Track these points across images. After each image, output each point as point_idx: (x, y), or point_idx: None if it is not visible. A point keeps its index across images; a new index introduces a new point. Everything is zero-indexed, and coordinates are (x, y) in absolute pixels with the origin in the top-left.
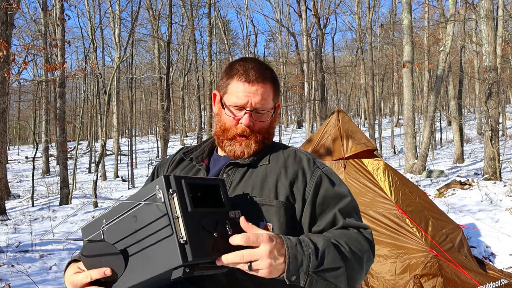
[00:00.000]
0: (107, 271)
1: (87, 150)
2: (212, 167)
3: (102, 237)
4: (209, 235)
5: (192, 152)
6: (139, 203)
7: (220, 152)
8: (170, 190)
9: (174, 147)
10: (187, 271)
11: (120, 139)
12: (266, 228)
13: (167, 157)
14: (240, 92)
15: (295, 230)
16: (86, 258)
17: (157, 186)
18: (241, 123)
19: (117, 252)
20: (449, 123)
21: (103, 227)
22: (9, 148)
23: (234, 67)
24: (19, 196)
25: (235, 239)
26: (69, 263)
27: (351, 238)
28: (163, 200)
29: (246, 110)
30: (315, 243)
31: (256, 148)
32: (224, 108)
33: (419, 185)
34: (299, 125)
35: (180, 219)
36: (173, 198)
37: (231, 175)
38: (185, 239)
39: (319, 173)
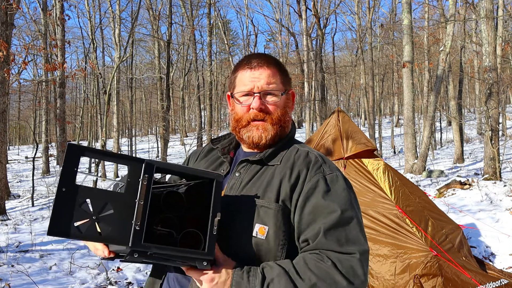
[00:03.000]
0: None
1: None
2: (235, 160)
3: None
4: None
5: (219, 142)
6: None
7: (244, 147)
8: (146, 175)
9: (174, 147)
10: None
11: (120, 139)
12: (261, 231)
13: (203, 146)
14: (246, 79)
15: (290, 236)
16: None
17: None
18: (252, 108)
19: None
20: (449, 123)
21: (119, 189)
22: (9, 148)
23: (238, 63)
24: (19, 196)
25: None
26: None
27: (322, 272)
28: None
29: (254, 94)
30: (264, 275)
31: (274, 131)
32: (235, 100)
33: (419, 185)
34: (299, 125)
35: (141, 205)
36: (140, 183)
37: (243, 173)
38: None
39: (317, 179)
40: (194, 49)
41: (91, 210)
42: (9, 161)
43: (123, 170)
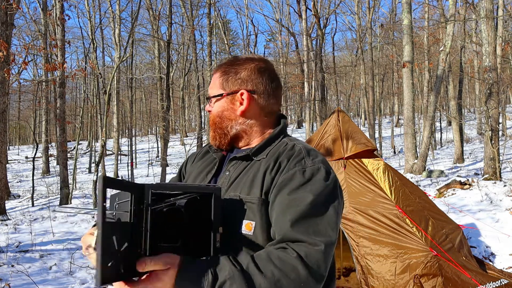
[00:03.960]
0: None
1: (87, 150)
2: (227, 159)
3: (114, 213)
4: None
5: None
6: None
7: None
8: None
9: (174, 147)
10: None
11: (120, 139)
12: (248, 227)
13: (202, 147)
14: None
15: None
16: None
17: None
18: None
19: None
20: (449, 123)
21: (116, 204)
22: (9, 148)
23: None
24: (19, 196)
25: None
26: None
27: (286, 265)
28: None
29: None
30: (216, 273)
31: (213, 133)
32: None
33: (419, 185)
34: (299, 125)
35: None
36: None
37: (232, 171)
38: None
39: (294, 171)
40: (194, 49)
41: (117, 247)
42: (9, 161)
43: (123, 170)
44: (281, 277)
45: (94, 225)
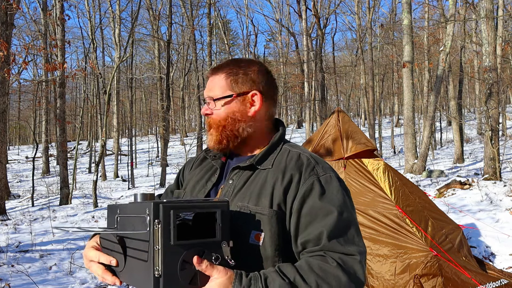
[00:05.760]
0: (113, 261)
1: (87, 150)
2: (227, 166)
3: (116, 225)
4: (190, 268)
5: (212, 150)
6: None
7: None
8: (156, 220)
9: (174, 147)
10: None
11: (120, 139)
12: (257, 238)
13: (197, 154)
14: None
15: (287, 240)
16: (102, 239)
17: (147, 210)
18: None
19: (120, 248)
20: (449, 123)
21: (117, 217)
22: (9, 148)
23: None
24: (19, 196)
25: None
26: (94, 234)
27: (328, 274)
28: (147, 228)
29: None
30: (267, 285)
31: (217, 134)
32: None
33: (419, 185)
34: (299, 125)
35: (160, 251)
36: (158, 229)
37: (235, 180)
38: (159, 273)
39: (312, 181)
40: (194, 49)
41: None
42: (9, 161)
43: (123, 170)
44: (324, 285)
45: (94, 235)
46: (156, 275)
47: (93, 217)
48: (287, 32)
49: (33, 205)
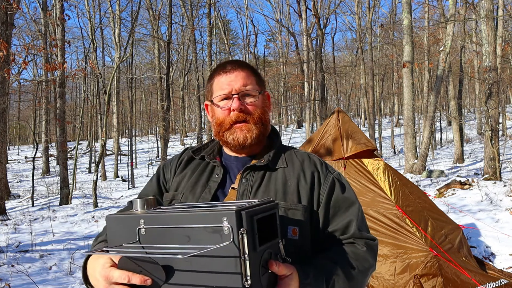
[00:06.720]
0: (148, 281)
1: (87, 150)
2: (227, 165)
3: (138, 238)
4: (265, 271)
5: (201, 151)
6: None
7: (228, 151)
8: (241, 229)
9: (174, 147)
10: None
11: (120, 139)
12: (294, 232)
13: (171, 157)
14: (222, 83)
15: (317, 232)
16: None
17: (224, 219)
18: (233, 110)
19: (155, 262)
20: (449, 123)
21: (140, 228)
22: (9, 148)
23: (213, 71)
24: (19, 196)
25: None
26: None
27: (360, 257)
28: (231, 238)
29: (233, 96)
30: (325, 273)
31: (257, 130)
32: (214, 106)
33: (419, 185)
34: (299, 125)
35: (247, 261)
36: (243, 238)
37: (250, 179)
38: (250, 282)
39: (331, 178)
40: (194, 49)
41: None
42: (9, 161)
43: (123, 170)
44: (360, 267)
45: (103, 249)
46: (246, 286)
47: (93, 217)
48: (287, 32)
49: (33, 205)
